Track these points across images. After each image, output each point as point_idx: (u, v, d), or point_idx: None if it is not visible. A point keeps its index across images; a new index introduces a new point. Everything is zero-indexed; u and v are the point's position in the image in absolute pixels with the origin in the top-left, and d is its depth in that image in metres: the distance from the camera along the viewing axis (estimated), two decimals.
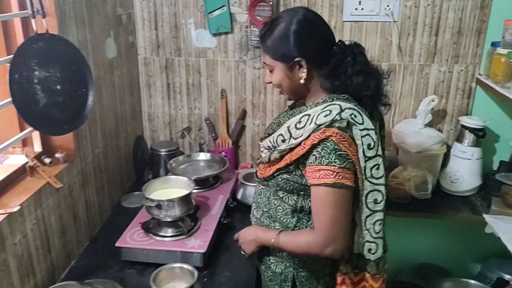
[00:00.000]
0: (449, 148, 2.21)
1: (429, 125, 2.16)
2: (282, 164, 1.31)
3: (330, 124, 1.19)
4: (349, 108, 1.22)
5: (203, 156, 2.15)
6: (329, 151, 1.18)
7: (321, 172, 1.19)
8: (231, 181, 2.07)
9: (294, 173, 1.31)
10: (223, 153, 2.24)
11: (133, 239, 1.61)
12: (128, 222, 1.72)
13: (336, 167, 1.18)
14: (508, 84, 1.87)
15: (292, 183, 1.33)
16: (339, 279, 1.34)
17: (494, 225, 1.88)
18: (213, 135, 2.30)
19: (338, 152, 1.18)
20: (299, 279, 1.42)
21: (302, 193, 1.34)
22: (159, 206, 1.61)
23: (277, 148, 1.33)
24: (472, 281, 2.23)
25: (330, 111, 1.21)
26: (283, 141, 1.30)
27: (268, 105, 2.29)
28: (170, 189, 1.73)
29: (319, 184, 1.20)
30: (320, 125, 1.20)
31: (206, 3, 2.12)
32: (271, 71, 1.34)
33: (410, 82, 2.20)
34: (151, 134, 2.40)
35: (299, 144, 1.24)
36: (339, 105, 1.22)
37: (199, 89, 2.30)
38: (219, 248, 1.72)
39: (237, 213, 1.97)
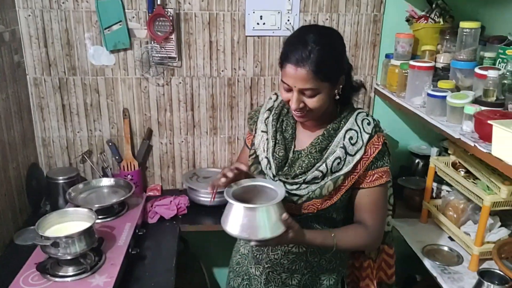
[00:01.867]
0: None
1: None
2: (349, 184, 1.31)
3: (379, 130, 1.33)
4: (369, 115, 1.37)
5: (106, 181, 2.00)
6: (383, 154, 1.31)
7: (376, 175, 1.31)
8: (139, 206, 1.95)
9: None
10: (129, 176, 2.11)
11: (27, 283, 1.43)
12: (23, 263, 1.53)
13: (388, 167, 1.33)
14: (402, 93, 1.97)
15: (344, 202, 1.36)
16: (365, 264, 1.48)
17: (399, 228, 1.97)
18: (117, 157, 2.16)
19: (387, 153, 1.33)
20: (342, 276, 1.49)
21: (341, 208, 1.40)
22: (56, 243, 1.45)
23: (336, 172, 1.29)
24: None
25: (367, 119, 1.33)
26: (339, 163, 1.28)
27: (175, 123, 2.20)
28: (68, 222, 1.57)
29: (375, 186, 1.31)
30: (371, 133, 1.30)
31: (101, 18, 1.99)
32: (312, 96, 1.22)
33: None
34: (47, 161, 2.19)
35: (360, 157, 1.29)
36: (365, 112, 1.36)
37: (99, 109, 2.14)
38: (129, 281, 1.60)
39: (147, 241, 1.85)
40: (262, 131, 1.40)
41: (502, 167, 1.31)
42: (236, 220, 1.14)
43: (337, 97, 1.30)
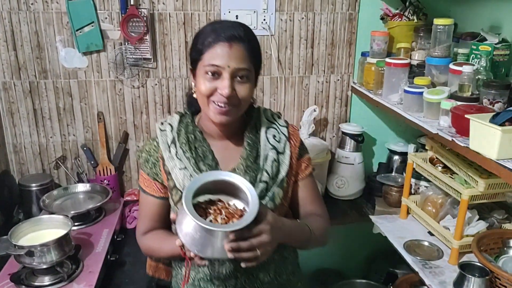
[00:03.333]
0: (333, 155, 2.29)
1: (313, 134, 2.22)
2: (291, 182, 1.28)
3: (287, 121, 1.32)
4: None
5: (82, 187, 1.95)
6: (302, 141, 1.31)
7: (304, 163, 1.29)
8: (117, 212, 1.90)
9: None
10: (105, 181, 2.06)
11: None
12: None
13: (308, 155, 1.32)
14: (379, 91, 1.98)
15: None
16: None
17: (380, 225, 1.98)
18: (93, 162, 2.10)
19: (302, 140, 1.32)
20: None
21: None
22: (30, 252, 1.40)
23: (277, 177, 1.21)
24: (364, 281, 2.36)
25: (273, 112, 1.32)
26: (277, 166, 1.22)
27: (151, 125, 2.16)
28: (43, 230, 1.52)
29: (308, 175, 1.30)
30: (286, 125, 1.29)
31: (72, 20, 1.93)
32: (244, 82, 1.12)
33: (292, 94, 2.24)
34: (18, 168, 2.12)
35: (290, 152, 1.26)
36: (269, 108, 1.34)
37: (72, 113, 2.08)
38: None
39: (126, 246, 1.81)
40: (181, 168, 1.18)
41: (480, 160, 1.33)
42: (187, 229, 0.99)
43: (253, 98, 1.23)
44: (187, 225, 0.98)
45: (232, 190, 1.06)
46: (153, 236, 1.25)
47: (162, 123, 1.27)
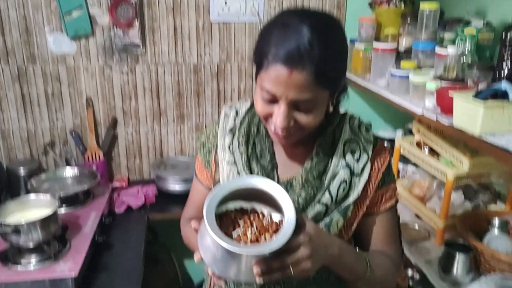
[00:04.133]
0: None
1: None
2: (360, 213, 1.02)
3: (377, 138, 1.05)
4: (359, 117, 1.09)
5: (70, 171, 1.94)
6: (390, 166, 1.05)
7: (387, 194, 1.04)
8: (105, 196, 1.90)
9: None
10: (94, 167, 2.05)
11: None
12: None
13: (395, 182, 1.07)
14: (367, 76, 2.00)
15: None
16: None
17: None
18: (81, 148, 2.10)
19: (391, 165, 1.07)
20: None
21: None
22: (17, 231, 1.39)
23: (342, 202, 0.99)
24: None
25: (364, 123, 1.05)
26: (345, 189, 0.98)
27: (141, 111, 2.16)
28: (30, 210, 1.51)
29: (388, 209, 1.04)
30: (373, 141, 1.02)
31: (60, 4, 1.93)
32: (308, 110, 0.88)
33: None
34: (6, 154, 2.10)
35: (368, 176, 1.00)
36: (355, 115, 1.08)
37: (61, 99, 2.08)
38: (96, 269, 1.55)
39: (114, 229, 1.81)
40: (229, 163, 1.02)
41: (464, 137, 1.34)
42: (208, 244, 0.83)
43: (332, 107, 0.98)
44: (209, 240, 0.81)
45: (269, 198, 0.88)
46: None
47: (230, 107, 1.10)
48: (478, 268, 1.49)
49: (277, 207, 0.87)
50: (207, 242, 0.82)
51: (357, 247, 1.09)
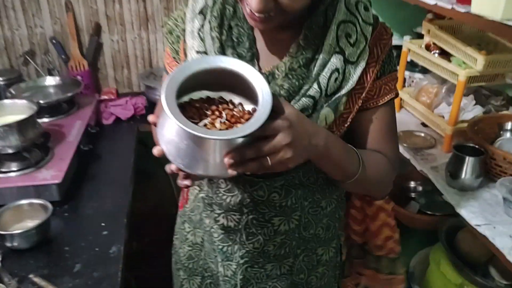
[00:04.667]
0: None
1: None
2: (355, 107, 0.86)
3: (378, 19, 0.87)
4: None
5: (52, 80, 1.81)
6: (391, 52, 0.88)
7: (386, 86, 0.88)
8: (91, 106, 1.78)
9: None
10: (78, 77, 1.92)
11: None
12: None
13: (397, 71, 0.91)
14: None
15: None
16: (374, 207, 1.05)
17: None
18: (64, 57, 1.95)
19: (392, 51, 0.90)
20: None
21: None
22: None
23: (333, 94, 0.82)
24: None
25: (362, 1, 0.85)
26: (337, 78, 0.82)
27: (126, 17, 1.98)
28: (6, 116, 1.40)
29: (386, 102, 0.88)
30: (373, 23, 0.84)
31: None
32: None
33: None
34: None
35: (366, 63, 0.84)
36: None
37: (37, 2, 1.90)
38: (82, 178, 1.47)
39: (101, 140, 1.71)
40: (198, 51, 0.84)
41: (482, 24, 1.19)
42: (170, 135, 0.69)
43: None
44: (169, 129, 0.69)
45: (240, 87, 0.73)
46: None
47: None
48: (488, 172, 1.40)
49: (250, 97, 0.73)
50: (168, 132, 0.69)
51: None
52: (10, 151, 1.33)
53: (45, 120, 1.63)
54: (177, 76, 0.68)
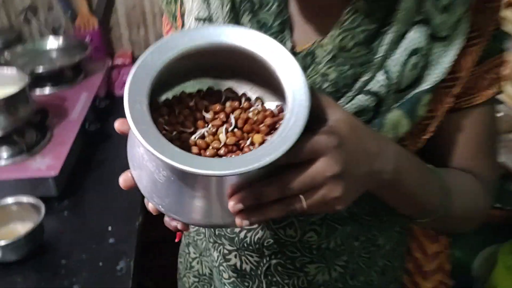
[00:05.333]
0: None
1: None
2: (442, 109, 0.55)
3: None
4: None
5: (54, 42, 1.53)
6: (501, 29, 0.56)
7: (490, 74, 0.56)
8: (101, 74, 1.50)
9: None
10: (87, 38, 1.63)
11: None
12: None
13: (505, 51, 0.57)
14: None
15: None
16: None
17: None
18: (70, 14, 1.66)
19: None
20: None
21: None
22: None
23: (409, 89, 0.53)
24: None
25: None
26: (418, 64, 0.51)
27: None
28: None
29: (488, 99, 0.57)
30: None
31: None
32: None
33: None
34: None
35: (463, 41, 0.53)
36: None
37: None
38: (87, 166, 1.22)
39: (112, 116, 1.43)
40: (198, 18, 0.57)
41: None
42: (141, 163, 0.44)
43: None
44: (139, 152, 0.43)
45: (263, 76, 0.45)
46: None
47: None
48: None
49: (274, 89, 0.46)
50: (138, 156, 0.43)
51: None
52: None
53: (44, 92, 1.37)
54: (155, 59, 0.42)
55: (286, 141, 0.38)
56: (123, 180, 0.46)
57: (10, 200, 0.99)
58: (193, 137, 0.44)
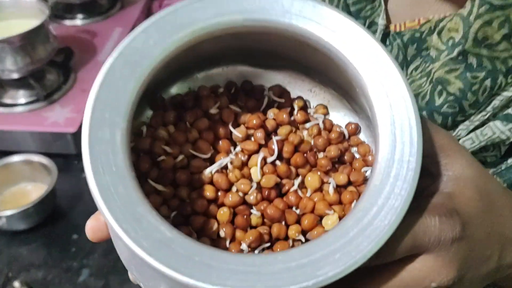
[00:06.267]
0: None
1: None
2: None
3: None
4: None
5: None
6: None
7: None
8: (140, 4, 1.30)
9: None
10: None
11: None
12: None
13: None
14: None
15: None
16: None
17: None
18: None
19: None
20: None
21: None
22: None
23: None
24: None
25: None
26: None
27: None
28: (7, 20, 0.97)
29: None
30: None
31: None
32: None
33: None
34: None
35: None
36: None
37: None
38: None
39: None
40: None
41: None
42: (125, 254, 0.27)
43: None
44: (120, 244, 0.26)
45: (326, 70, 0.29)
46: None
47: None
48: None
49: (343, 93, 0.30)
50: (123, 251, 0.26)
51: None
52: (15, 76, 0.92)
53: (71, 23, 1.18)
54: (154, 40, 0.24)
55: (375, 226, 0.21)
56: (90, 228, 0.26)
57: (17, 158, 0.85)
58: (209, 169, 0.27)
